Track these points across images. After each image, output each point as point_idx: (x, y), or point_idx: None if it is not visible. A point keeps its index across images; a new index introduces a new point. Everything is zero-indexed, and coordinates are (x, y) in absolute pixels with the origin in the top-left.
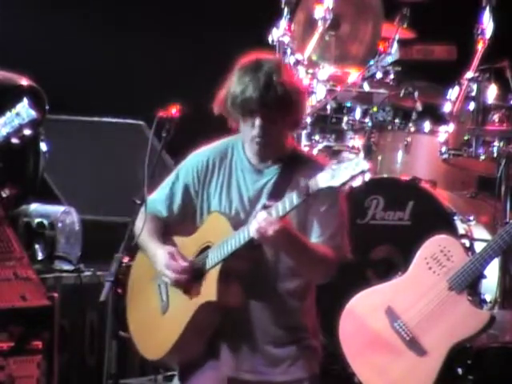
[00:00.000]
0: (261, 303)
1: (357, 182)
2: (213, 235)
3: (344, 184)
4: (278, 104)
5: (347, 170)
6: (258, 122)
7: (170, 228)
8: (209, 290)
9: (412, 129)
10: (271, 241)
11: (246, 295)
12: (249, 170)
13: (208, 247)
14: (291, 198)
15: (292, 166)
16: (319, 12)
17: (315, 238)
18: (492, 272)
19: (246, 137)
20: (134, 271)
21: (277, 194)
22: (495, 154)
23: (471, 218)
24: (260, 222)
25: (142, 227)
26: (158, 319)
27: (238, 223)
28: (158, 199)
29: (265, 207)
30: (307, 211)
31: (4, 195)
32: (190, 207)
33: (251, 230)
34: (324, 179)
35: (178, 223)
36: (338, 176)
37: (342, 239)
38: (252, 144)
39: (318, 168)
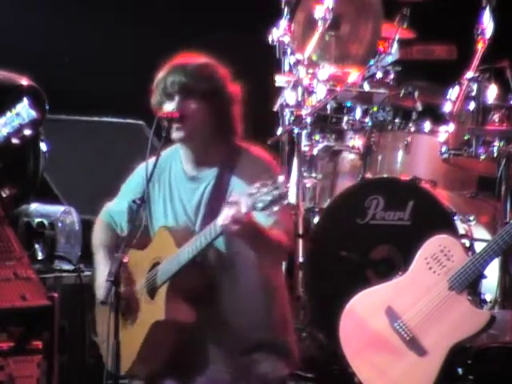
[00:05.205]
0: (216, 316)
1: (277, 207)
2: (160, 251)
3: (263, 209)
4: (196, 78)
5: (267, 196)
6: (176, 97)
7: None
8: (158, 308)
9: (412, 129)
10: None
11: (200, 310)
12: (185, 179)
13: (158, 263)
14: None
15: (229, 168)
16: (319, 12)
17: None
18: (492, 272)
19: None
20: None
21: (215, 198)
22: (495, 154)
23: (471, 218)
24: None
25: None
26: (123, 333)
27: (188, 235)
28: (112, 211)
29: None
30: None
31: (4, 195)
32: (138, 223)
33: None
34: (244, 205)
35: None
36: (258, 202)
37: (288, 223)
38: (172, 132)
39: (256, 164)
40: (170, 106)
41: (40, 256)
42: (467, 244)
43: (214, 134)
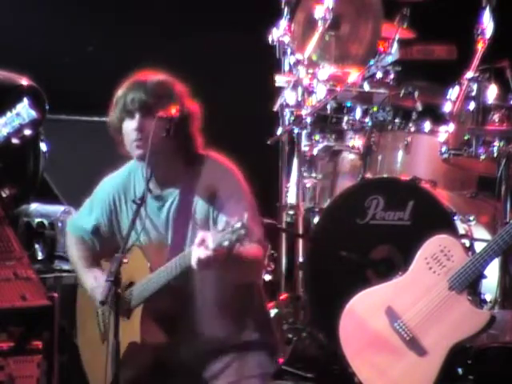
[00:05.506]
0: (192, 333)
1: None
2: (134, 272)
3: (229, 246)
4: (154, 96)
5: (233, 235)
6: (136, 115)
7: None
8: (133, 329)
9: (412, 129)
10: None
11: (175, 329)
12: (149, 197)
13: (133, 283)
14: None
15: (191, 183)
16: (319, 12)
17: None
18: (492, 272)
19: (128, 147)
20: (79, 295)
21: (182, 214)
22: (495, 154)
23: (471, 218)
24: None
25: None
26: (99, 349)
27: (160, 254)
28: (79, 225)
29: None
30: (217, 209)
31: (4, 195)
32: (108, 240)
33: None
34: (211, 242)
35: (104, 249)
36: (224, 240)
37: (259, 230)
38: (132, 149)
39: (218, 172)
40: (130, 124)
41: (40, 256)
42: (467, 244)
43: (174, 151)
